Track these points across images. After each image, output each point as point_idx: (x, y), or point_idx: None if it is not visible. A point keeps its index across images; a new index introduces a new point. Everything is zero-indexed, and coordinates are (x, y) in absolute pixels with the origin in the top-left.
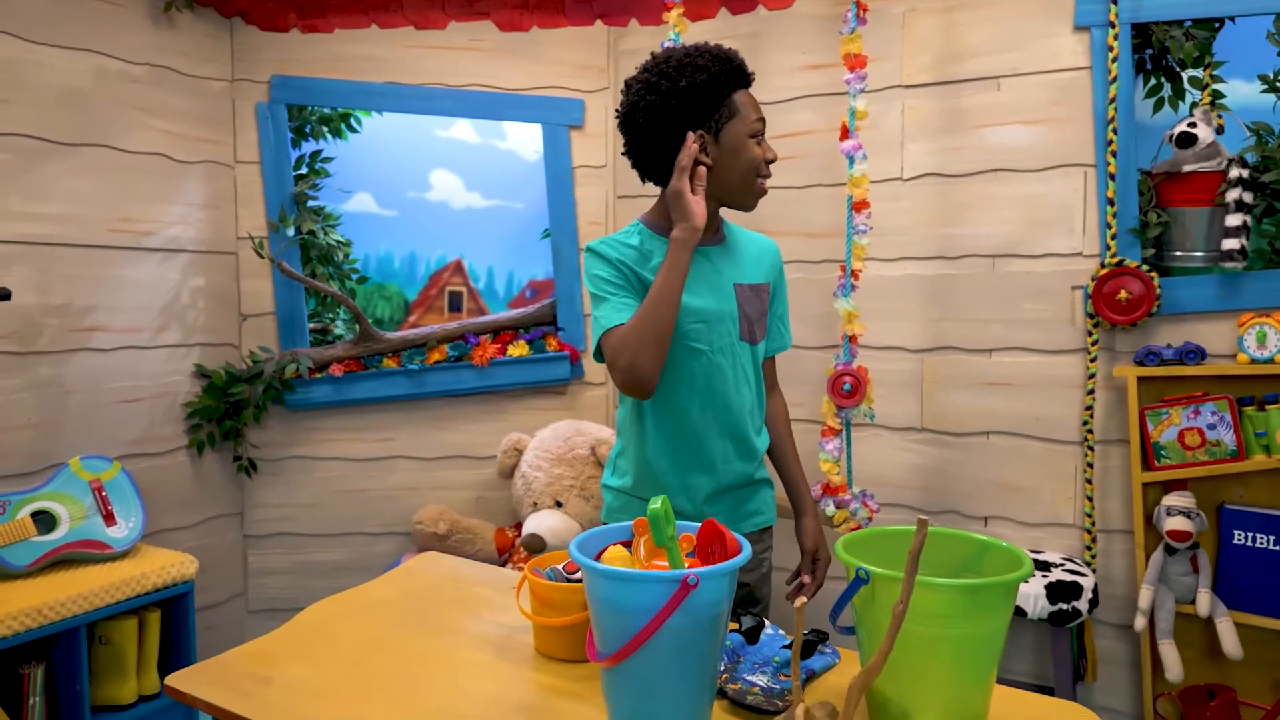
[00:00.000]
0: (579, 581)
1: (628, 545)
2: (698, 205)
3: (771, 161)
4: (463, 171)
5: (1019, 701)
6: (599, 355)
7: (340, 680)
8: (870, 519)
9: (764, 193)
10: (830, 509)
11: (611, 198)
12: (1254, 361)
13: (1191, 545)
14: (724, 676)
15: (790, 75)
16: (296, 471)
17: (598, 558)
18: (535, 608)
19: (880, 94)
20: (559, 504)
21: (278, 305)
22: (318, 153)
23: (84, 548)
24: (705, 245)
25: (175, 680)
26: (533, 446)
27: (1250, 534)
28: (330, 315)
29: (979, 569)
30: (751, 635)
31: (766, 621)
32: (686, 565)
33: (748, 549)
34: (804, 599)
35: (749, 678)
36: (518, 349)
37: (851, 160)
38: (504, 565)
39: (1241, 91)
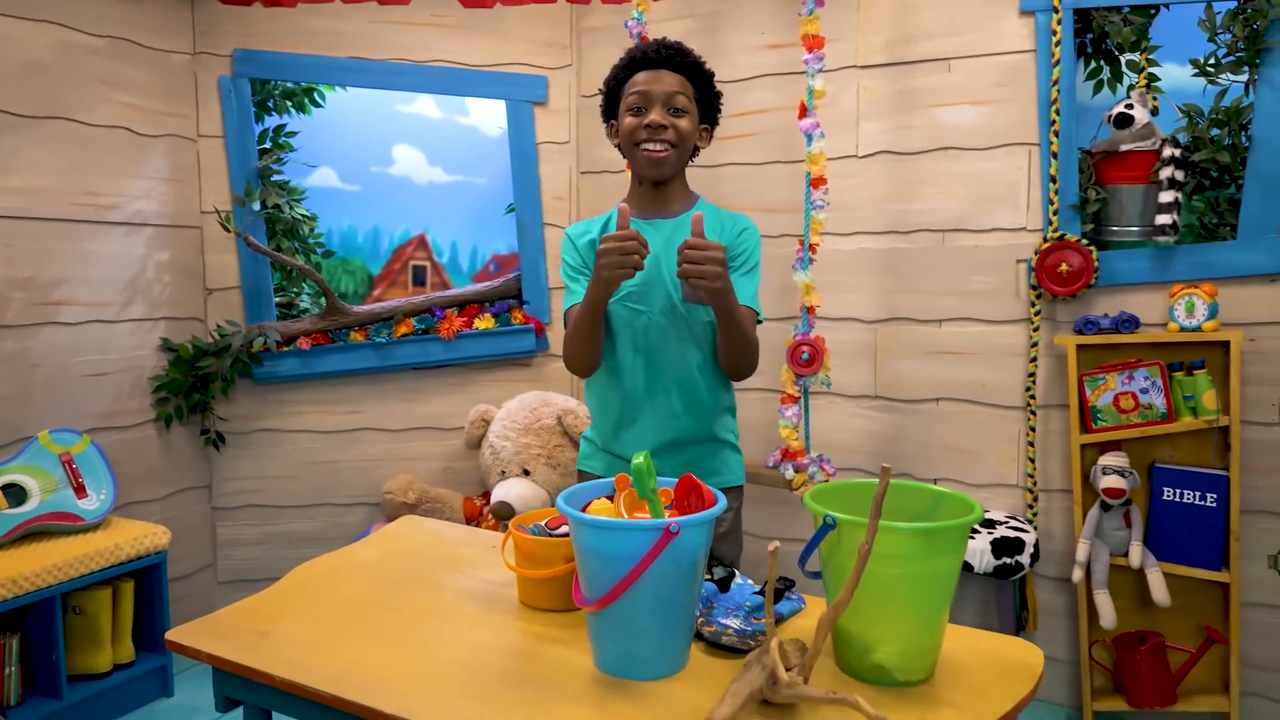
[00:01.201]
0: (561, 536)
1: (610, 500)
2: (608, 286)
3: (652, 127)
4: (425, 147)
5: (970, 638)
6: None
7: (334, 633)
8: (827, 481)
9: (653, 159)
10: (789, 472)
11: (575, 173)
12: (1183, 330)
13: (1125, 502)
14: (700, 620)
15: (749, 55)
16: (264, 444)
17: (583, 511)
18: (519, 561)
19: (836, 74)
20: (526, 472)
21: (243, 279)
22: (281, 127)
23: (56, 520)
24: (658, 219)
25: (176, 635)
26: (500, 417)
27: (1178, 490)
28: (295, 289)
29: (934, 517)
30: (724, 584)
31: (737, 572)
32: (666, 516)
33: (723, 500)
34: (776, 544)
35: (723, 621)
36: (484, 322)
37: (810, 138)
38: None
39: (1174, 75)
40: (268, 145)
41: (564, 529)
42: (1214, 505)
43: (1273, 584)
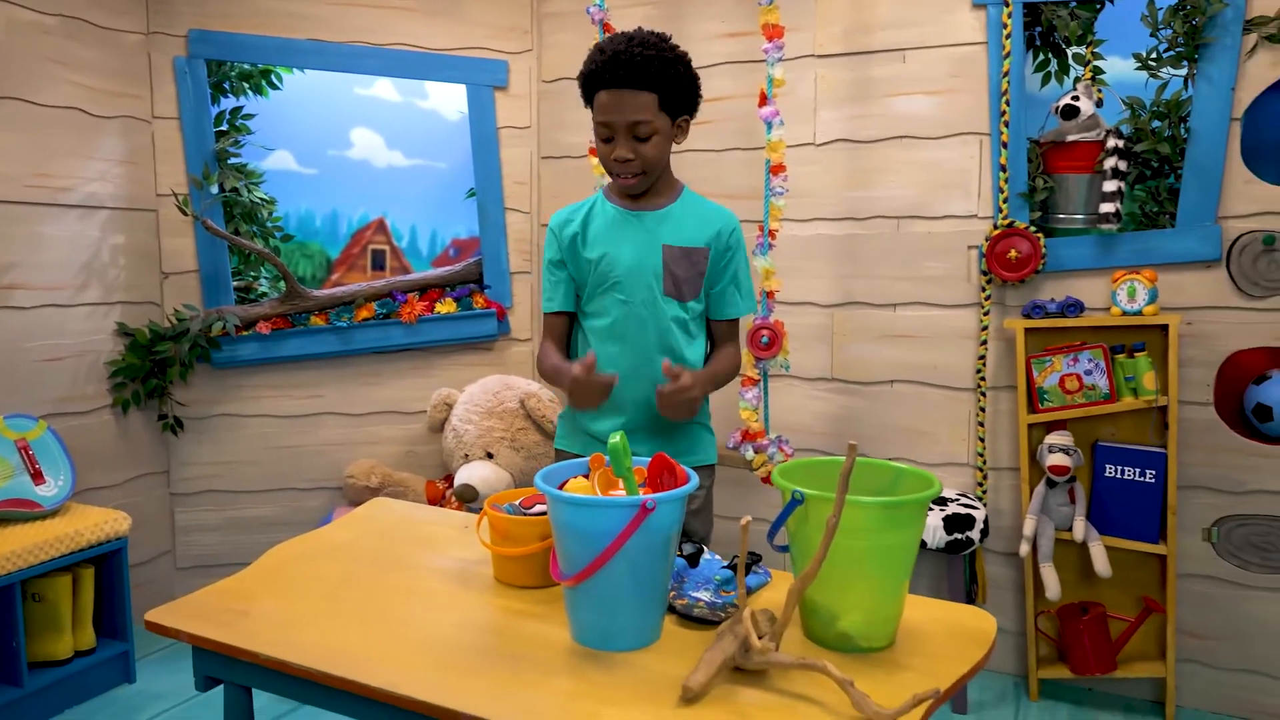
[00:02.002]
0: (536, 515)
1: (585, 478)
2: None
3: (621, 160)
4: (384, 130)
5: (927, 607)
6: None
7: (313, 612)
8: (785, 462)
9: (627, 184)
10: (749, 453)
11: (536, 158)
12: (1125, 314)
13: (1069, 479)
14: (671, 594)
15: (709, 43)
16: (223, 429)
17: (560, 489)
18: (495, 540)
19: (794, 63)
20: (490, 455)
21: (200, 263)
22: (238, 109)
23: (13, 507)
24: (643, 211)
25: (155, 615)
26: (462, 401)
27: (1120, 467)
28: (253, 274)
29: (894, 492)
30: (693, 560)
31: (705, 548)
32: (641, 493)
33: (695, 478)
34: (748, 518)
35: (694, 594)
36: (445, 306)
37: (770, 126)
38: None
39: (1118, 68)
40: (224, 128)
41: (539, 508)
42: (1153, 481)
43: (1207, 556)
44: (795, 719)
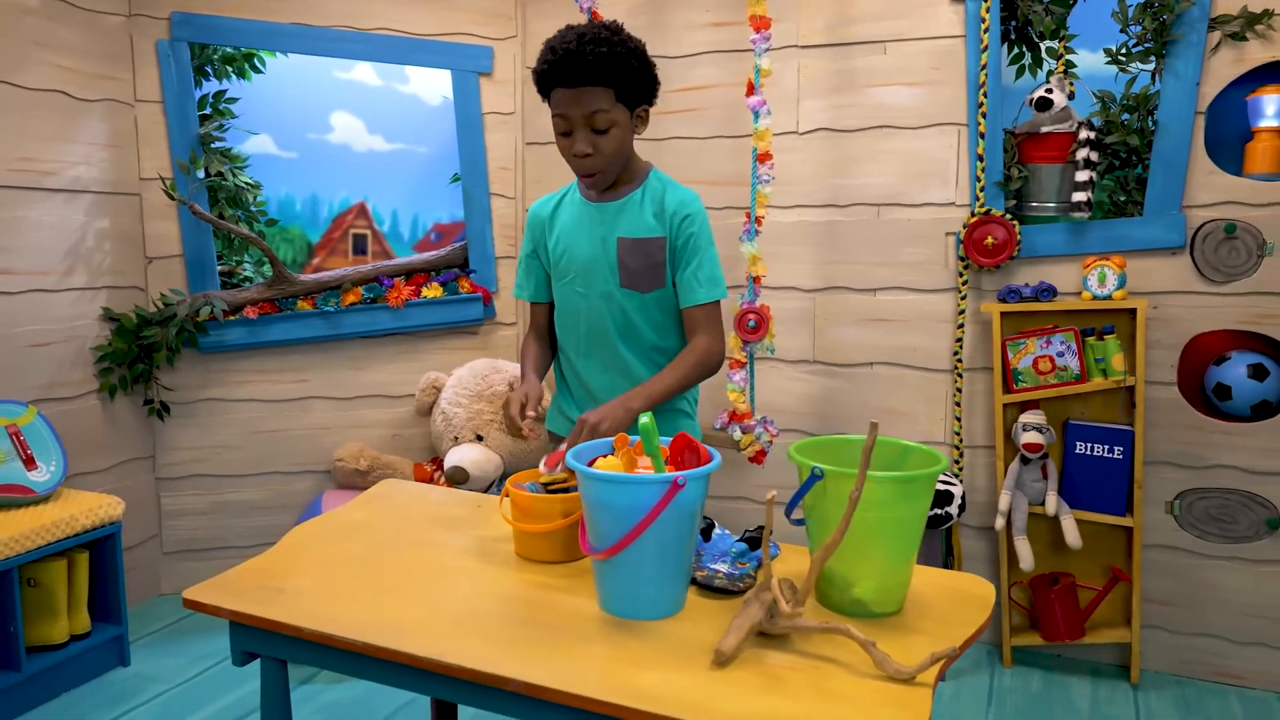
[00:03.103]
0: (555, 493)
1: (607, 458)
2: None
3: (580, 156)
4: (364, 114)
5: (930, 575)
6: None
7: (347, 588)
8: (771, 442)
9: (588, 180)
10: (737, 434)
11: (520, 144)
12: (1095, 298)
13: (1042, 456)
14: (692, 566)
15: (694, 32)
16: (210, 414)
17: (589, 466)
18: (517, 517)
19: (778, 53)
20: (480, 438)
21: (185, 248)
22: (221, 93)
23: (6, 492)
24: (604, 202)
25: (194, 593)
26: (450, 384)
27: (1090, 444)
28: (237, 258)
29: (902, 467)
30: (705, 534)
31: (715, 523)
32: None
33: (717, 456)
34: (774, 493)
35: (713, 566)
36: (431, 291)
37: (756, 115)
38: None
39: (1089, 62)
40: (207, 111)
41: (553, 483)
42: (1120, 457)
43: (1169, 527)
44: (822, 678)
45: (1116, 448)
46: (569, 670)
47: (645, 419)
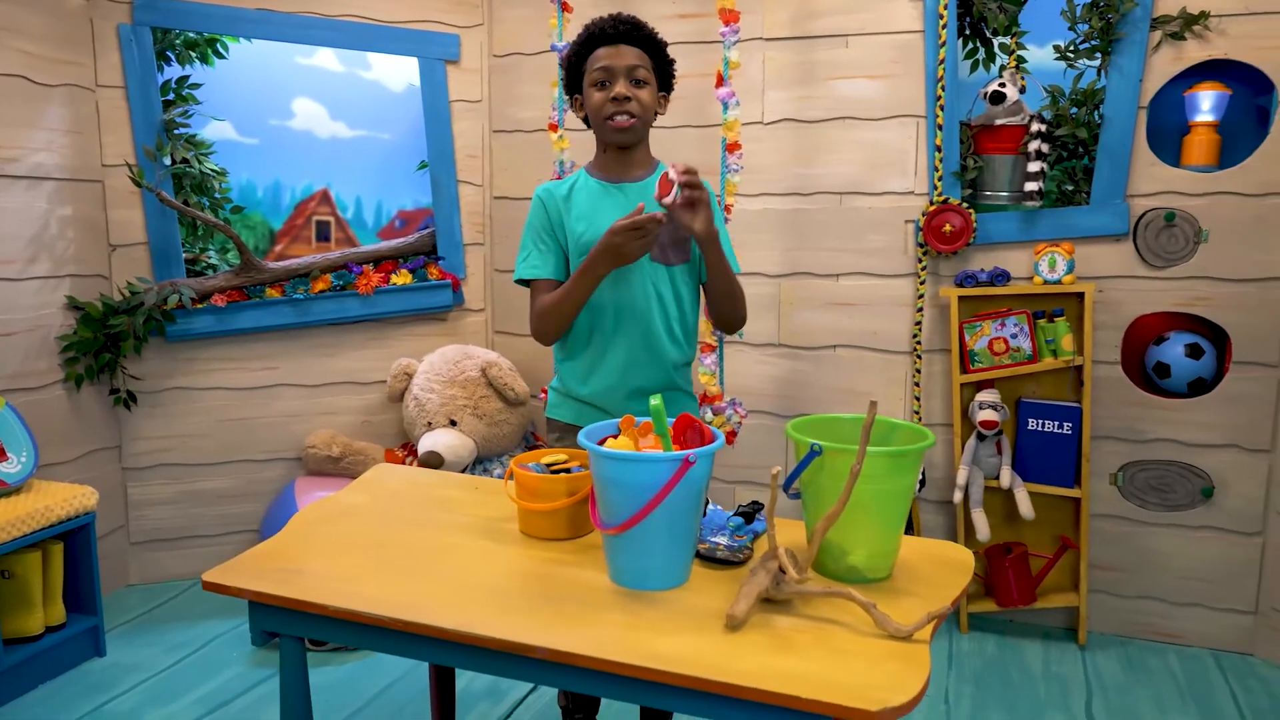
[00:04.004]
0: (558, 474)
1: (615, 438)
2: (625, 256)
3: (617, 99)
4: (327, 100)
5: (913, 543)
6: (520, 282)
7: (362, 568)
8: (741, 423)
9: (621, 128)
10: (709, 415)
11: (487, 132)
12: (1046, 283)
13: (997, 432)
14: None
15: (660, 23)
16: (177, 402)
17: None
18: (523, 496)
19: (744, 45)
20: (453, 422)
21: (150, 235)
22: (184, 78)
23: None
24: (625, 183)
25: (214, 575)
26: (422, 370)
27: (1041, 421)
28: (201, 245)
29: (889, 443)
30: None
31: (709, 500)
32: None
33: (721, 436)
34: (778, 468)
35: (713, 539)
36: (401, 278)
37: (726, 106)
38: None
39: (1038, 57)
40: (169, 97)
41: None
42: (1069, 433)
43: (1114, 497)
44: (828, 638)
45: (1066, 424)
46: (591, 637)
47: (656, 400)
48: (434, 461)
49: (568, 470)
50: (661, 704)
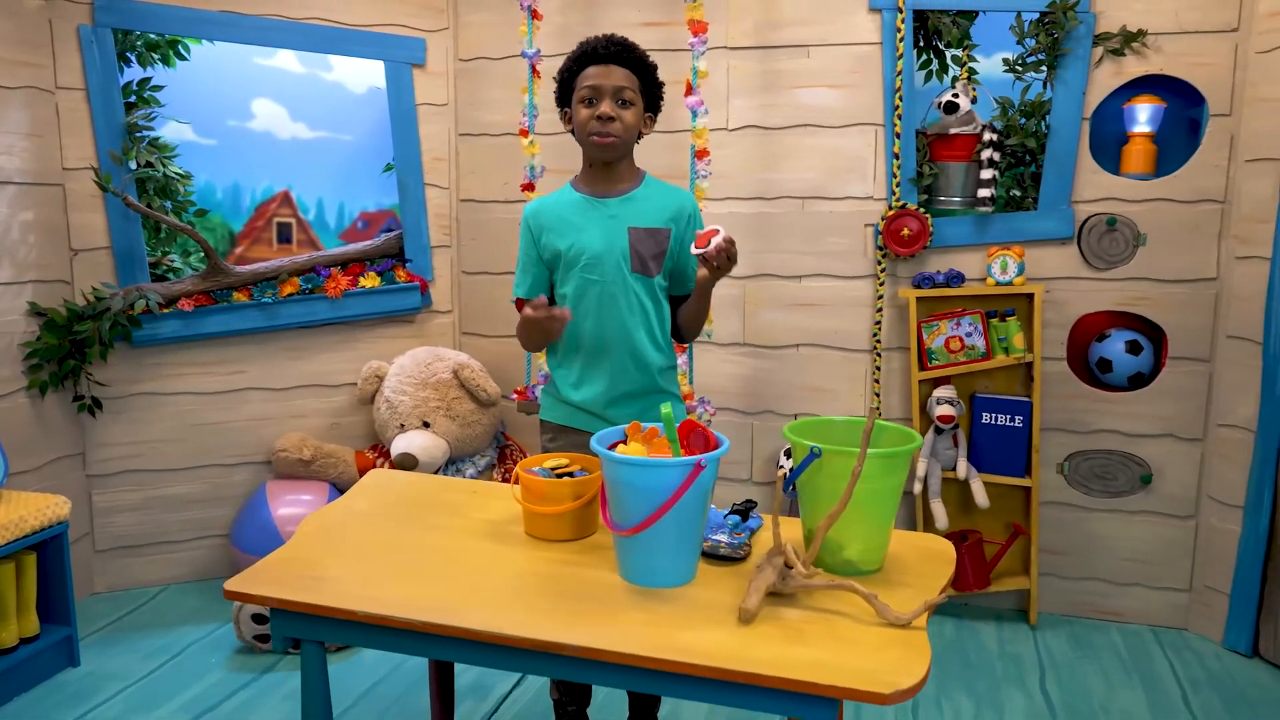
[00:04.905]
0: (562, 478)
1: (624, 444)
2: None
3: (601, 118)
4: (287, 101)
5: (903, 537)
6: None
7: (379, 572)
8: (710, 421)
9: (604, 145)
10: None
11: (454, 135)
12: (998, 284)
13: (953, 426)
14: None
15: (627, 31)
16: (143, 408)
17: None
18: (530, 500)
19: (709, 54)
20: (426, 424)
21: (114, 239)
22: (146, 80)
23: None
24: (607, 197)
25: (235, 584)
26: (393, 372)
27: (994, 415)
28: (164, 249)
29: (879, 444)
30: None
31: None
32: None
33: (726, 441)
34: (783, 469)
35: (714, 537)
36: (369, 280)
37: (695, 114)
38: None
39: (987, 69)
40: (131, 99)
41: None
42: (1020, 425)
43: (1061, 486)
44: (835, 628)
45: (1017, 417)
46: (614, 634)
47: (666, 408)
48: (408, 463)
49: (570, 474)
50: (686, 694)
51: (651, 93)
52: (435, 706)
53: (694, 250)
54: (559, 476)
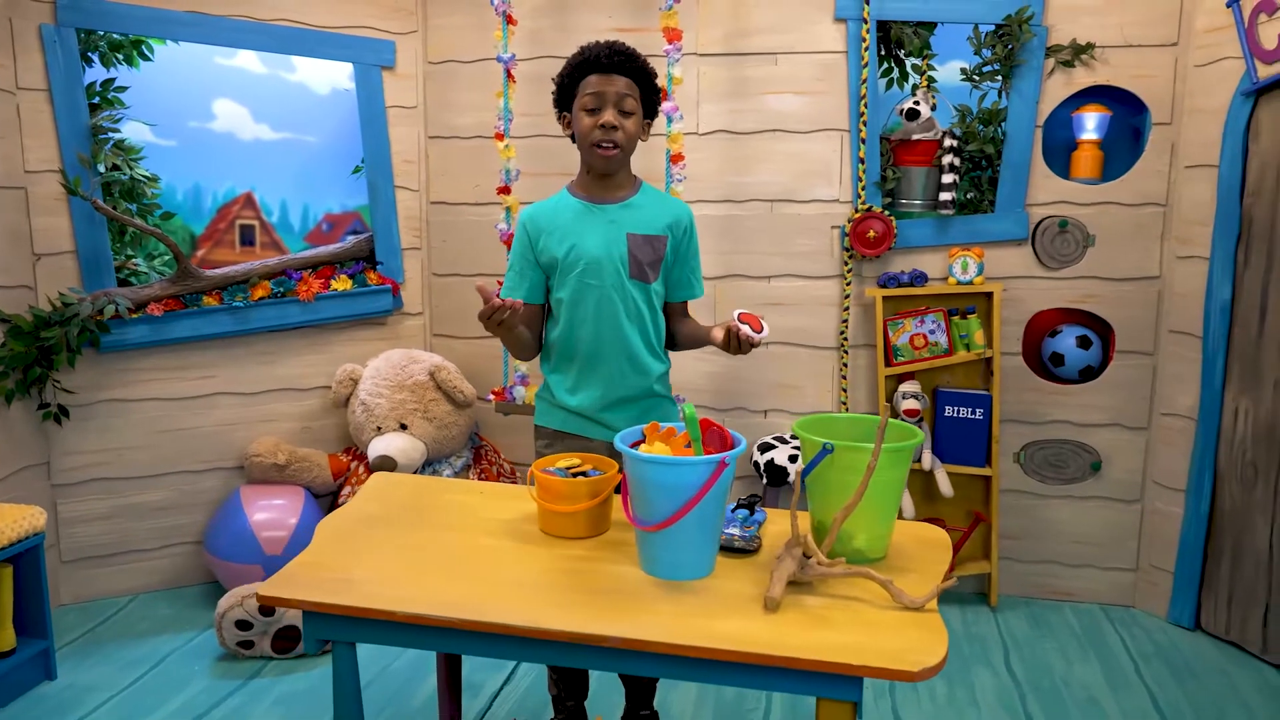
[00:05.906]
0: (578, 477)
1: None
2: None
3: (605, 127)
4: (249, 102)
5: (902, 527)
6: None
7: (407, 573)
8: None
9: (607, 154)
10: None
11: (423, 138)
12: (959, 283)
13: (918, 419)
14: None
15: (597, 36)
16: (111, 415)
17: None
18: (548, 499)
19: (680, 60)
20: (404, 426)
21: (79, 244)
22: (110, 81)
23: None
24: (606, 204)
25: (268, 588)
26: (368, 375)
27: (956, 408)
28: (129, 253)
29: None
30: None
31: None
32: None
33: (742, 440)
34: (799, 467)
35: (728, 531)
36: (341, 283)
37: (670, 119)
38: (340, 489)
39: (947, 78)
40: (95, 100)
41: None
42: (981, 418)
43: (1017, 474)
44: (855, 613)
45: (978, 409)
46: (653, 625)
47: (690, 409)
48: (387, 466)
49: (584, 474)
50: (720, 679)
51: (650, 100)
52: (444, 701)
53: (738, 319)
54: (574, 476)
